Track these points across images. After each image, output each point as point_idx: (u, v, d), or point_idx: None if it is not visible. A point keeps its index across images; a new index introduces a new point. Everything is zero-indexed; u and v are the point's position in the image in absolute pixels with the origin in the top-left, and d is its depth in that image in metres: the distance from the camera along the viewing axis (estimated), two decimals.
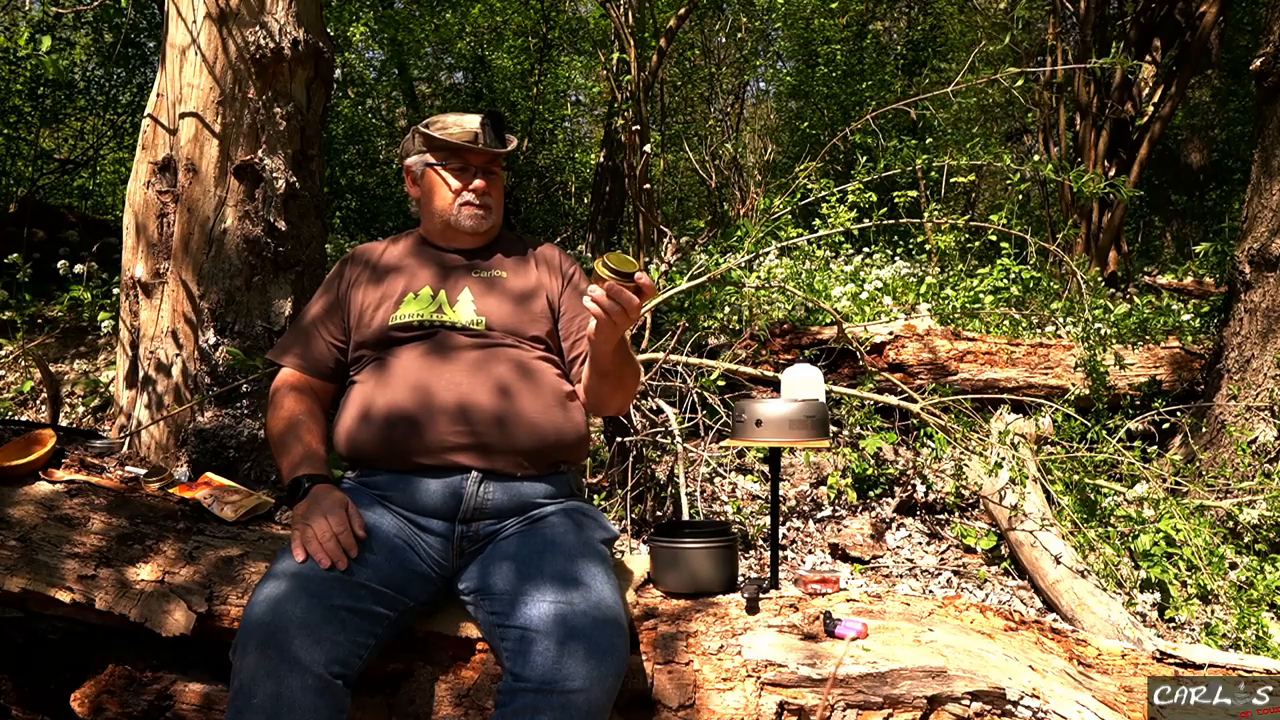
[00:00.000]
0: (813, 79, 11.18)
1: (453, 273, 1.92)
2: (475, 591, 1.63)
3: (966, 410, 3.67)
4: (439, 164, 1.93)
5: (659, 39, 7.83)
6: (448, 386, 1.72)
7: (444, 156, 1.93)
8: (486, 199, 1.93)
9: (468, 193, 1.92)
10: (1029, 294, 5.91)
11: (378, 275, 1.92)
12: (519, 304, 1.88)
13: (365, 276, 1.93)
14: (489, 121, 1.91)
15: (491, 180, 1.94)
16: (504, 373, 1.76)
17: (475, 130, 1.90)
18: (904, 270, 6.53)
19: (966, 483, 3.58)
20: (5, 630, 1.84)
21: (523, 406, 1.74)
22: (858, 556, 3.41)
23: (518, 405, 1.74)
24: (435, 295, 1.86)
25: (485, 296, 1.87)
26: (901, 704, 1.57)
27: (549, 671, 1.37)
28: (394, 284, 1.89)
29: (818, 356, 4.43)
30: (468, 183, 1.92)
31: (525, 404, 1.75)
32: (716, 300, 4.93)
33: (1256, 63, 4.01)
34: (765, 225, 4.30)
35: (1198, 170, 11.70)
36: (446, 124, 1.92)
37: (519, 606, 1.48)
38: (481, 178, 1.92)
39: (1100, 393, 4.06)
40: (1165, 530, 3.20)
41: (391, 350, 1.81)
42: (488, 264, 1.95)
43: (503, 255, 1.98)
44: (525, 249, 2.02)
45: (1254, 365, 3.87)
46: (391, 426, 1.71)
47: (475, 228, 1.93)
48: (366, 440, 1.73)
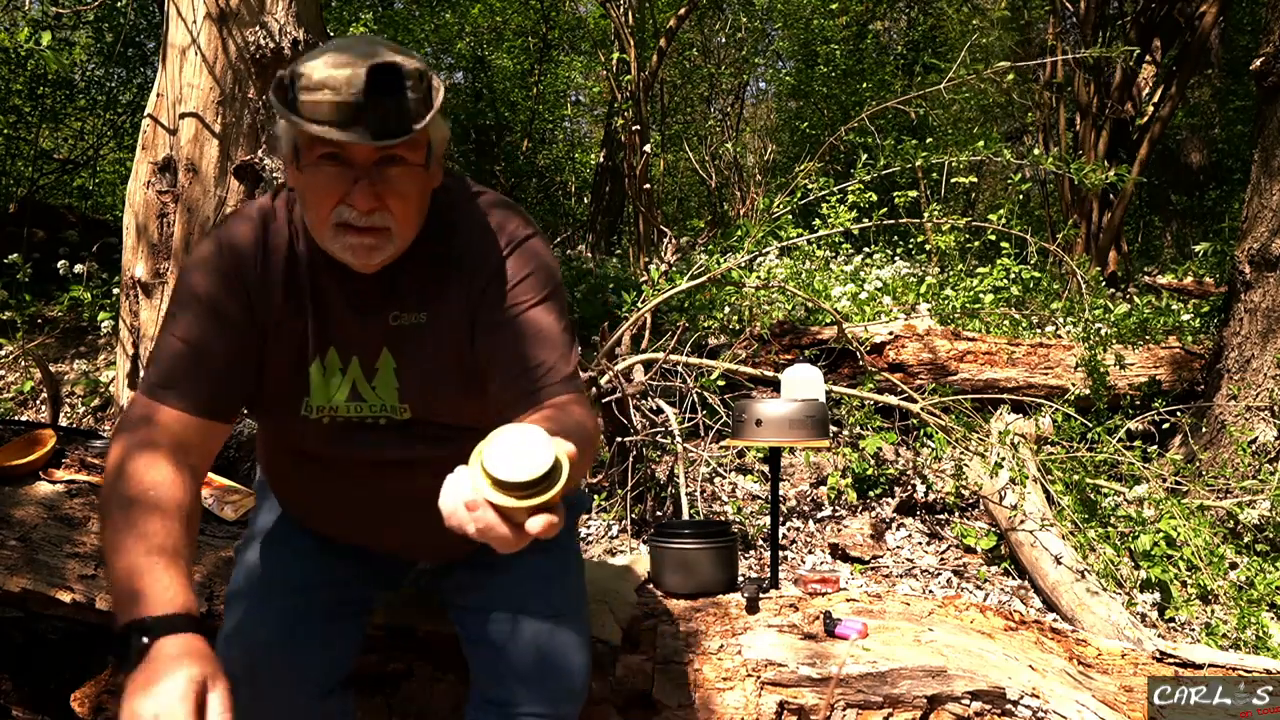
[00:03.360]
0: (812, 79, 11.18)
1: (361, 323, 1.29)
2: (452, 592, 1.51)
3: (966, 410, 3.67)
4: (303, 148, 1.17)
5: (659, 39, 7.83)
6: (370, 523, 1.41)
7: (310, 139, 1.15)
8: (379, 219, 1.18)
9: (346, 208, 1.17)
10: (1029, 294, 5.91)
11: (270, 314, 1.28)
12: (445, 374, 1.30)
13: (257, 310, 1.27)
14: (376, 88, 1.10)
15: (390, 184, 1.17)
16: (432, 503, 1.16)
17: (355, 99, 1.10)
18: (904, 270, 6.53)
19: (966, 483, 3.58)
20: (5, 630, 1.84)
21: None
22: (858, 556, 3.41)
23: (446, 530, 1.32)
24: (345, 369, 1.29)
25: (407, 364, 1.30)
26: (901, 703, 1.57)
27: (513, 696, 1.36)
28: (289, 339, 1.28)
29: (818, 356, 4.43)
30: (344, 191, 1.16)
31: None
32: (716, 300, 4.93)
33: (1256, 63, 4.01)
34: (765, 225, 4.30)
35: (1198, 170, 11.69)
36: (315, 81, 1.12)
37: (490, 626, 1.41)
38: (368, 185, 1.16)
39: (1100, 393, 4.06)
40: (1165, 530, 3.20)
41: (295, 457, 1.38)
42: (406, 301, 1.29)
43: (424, 269, 1.29)
44: (448, 244, 1.30)
45: (1254, 365, 3.87)
46: (325, 528, 1.45)
47: (360, 264, 1.21)
48: (295, 512, 1.48)
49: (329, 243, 1.20)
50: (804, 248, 5.96)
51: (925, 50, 12.05)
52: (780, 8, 11.77)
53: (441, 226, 1.30)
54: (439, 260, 1.29)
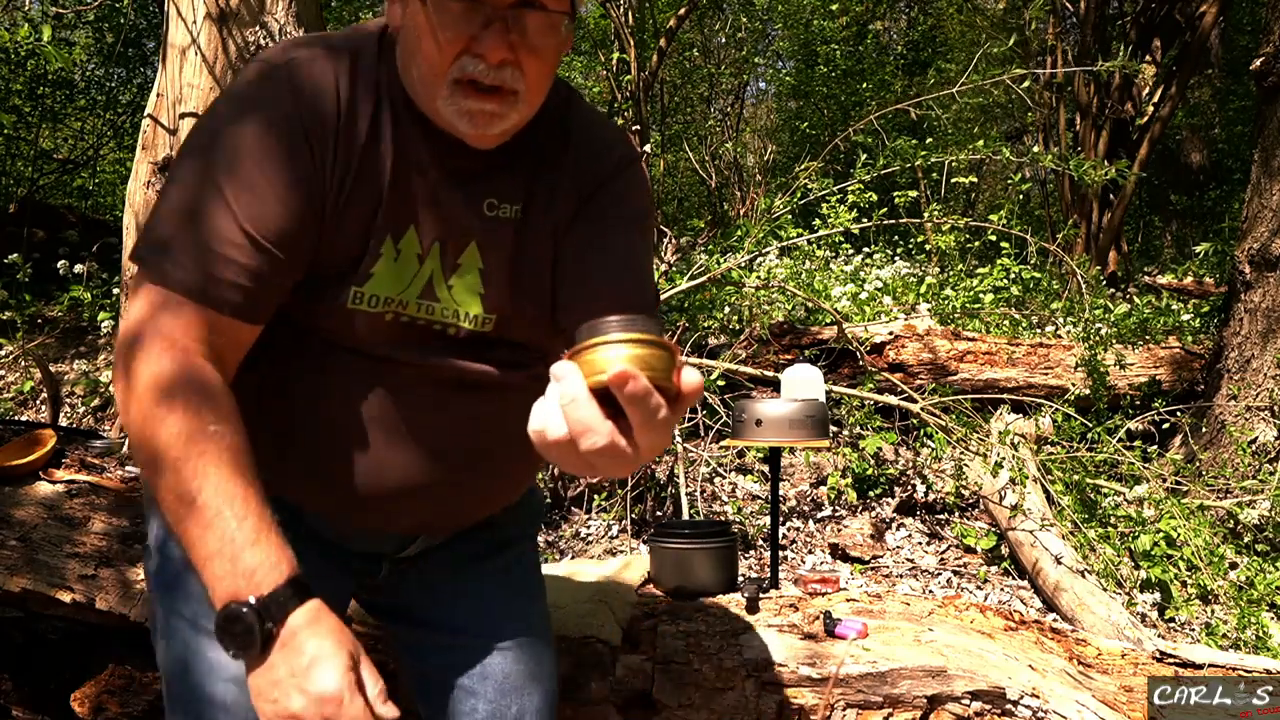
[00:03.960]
0: (812, 79, 11.18)
1: (452, 204, 1.05)
2: (402, 619, 1.29)
3: (966, 410, 3.67)
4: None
5: (659, 39, 7.83)
6: (413, 460, 1.08)
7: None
8: (510, 77, 0.96)
9: (471, 60, 0.95)
10: (1029, 294, 5.91)
11: (345, 173, 1.01)
12: (534, 283, 1.10)
13: (335, 169, 1.00)
14: None
15: (527, 35, 0.95)
16: (502, 436, 1.09)
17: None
18: (904, 270, 6.53)
19: (966, 483, 3.58)
20: (6, 630, 1.84)
21: (510, 473, 1.19)
22: (858, 556, 3.41)
23: (502, 474, 1.18)
24: (424, 257, 1.04)
25: (496, 266, 1.08)
26: (901, 703, 1.58)
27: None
28: (360, 210, 1.01)
29: (818, 356, 4.43)
30: (471, 37, 0.94)
31: (514, 470, 1.19)
32: (716, 300, 4.93)
33: (1256, 63, 4.01)
34: (765, 225, 4.30)
35: (1198, 170, 11.70)
36: None
37: (450, 652, 1.23)
38: (503, 31, 0.94)
39: (1100, 393, 4.06)
40: (1165, 530, 3.20)
41: (336, 355, 1.05)
42: (505, 188, 1.07)
43: (528, 157, 1.08)
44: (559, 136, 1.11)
45: (1254, 365, 3.87)
46: (321, 486, 1.10)
47: (477, 134, 0.99)
48: (277, 481, 0.98)
49: (442, 103, 0.97)
50: (804, 248, 5.96)
51: (925, 50, 12.06)
52: (780, 8, 11.77)
53: (553, 115, 1.09)
54: (545, 152, 1.09)
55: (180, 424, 0.86)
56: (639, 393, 0.65)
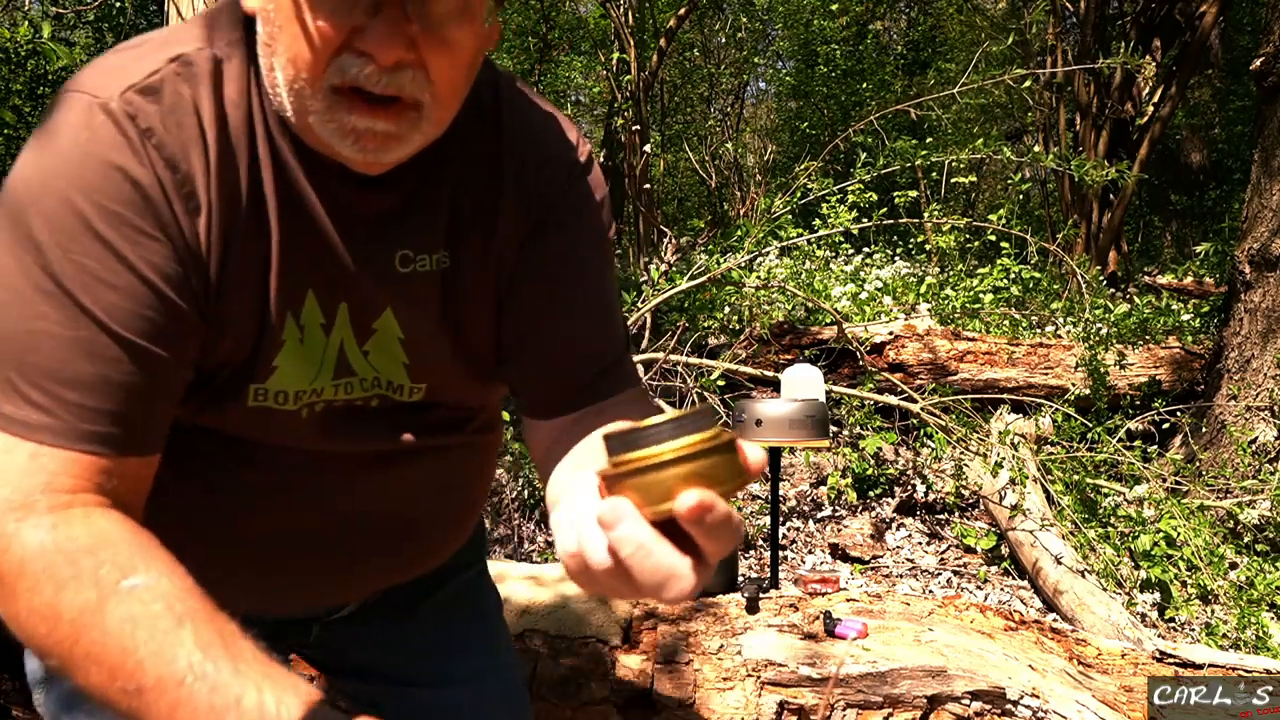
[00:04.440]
0: (812, 79, 11.19)
1: (355, 261, 0.80)
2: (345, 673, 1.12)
3: (966, 410, 3.67)
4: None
5: (659, 39, 7.83)
6: (345, 540, 0.92)
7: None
8: (409, 83, 0.69)
9: (354, 59, 0.68)
10: (1029, 294, 5.91)
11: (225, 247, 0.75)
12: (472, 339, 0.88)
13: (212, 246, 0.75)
14: None
15: (434, 26, 0.69)
16: (441, 499, 0.97)
17: None
18: (904, 270, 6.53)
19: (966, 483, 3.58)
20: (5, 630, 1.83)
21: (449, 528, 1.03)
22: (858, 556, 3.41)
23: (442, 533, 1.02)
24: (330, 326, 0.82)
25: (419, 331, 0.85)
26: (901, 703, 1.58)
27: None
28: (247, 291, 0.77)
29: (818, 356, 4.43)
30: (353, 28, 0.67)
31: (454, 525, 1.04)
32: (716, 300, 4.93)
33: (1256, 63, 4.01)
34: (765, 225, 4.31)
35: (1198, 170, 11.70)
36: None
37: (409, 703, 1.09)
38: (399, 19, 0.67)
39: (1100, 393, 4.07)
40: (1165, 530, 3.20)
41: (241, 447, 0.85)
42: (423, 232, 0.82)
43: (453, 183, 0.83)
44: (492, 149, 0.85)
45: (1254, 365, 3.87)
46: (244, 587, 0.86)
47: (364, 160, 0.73)
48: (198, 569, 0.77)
49: (315, 119, 0.70)
50: (804, 248, 5.96)
51: (925, 50, 12.07)
52: (780, 8, 11.78)
53: (482, 117, 0.83)
54: (475, 169, 0.83)
55: (77, 601, 0.62)
56: (718, 521, 0.49)
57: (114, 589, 0.62)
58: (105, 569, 0.64)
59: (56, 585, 0.63)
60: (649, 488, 0.50)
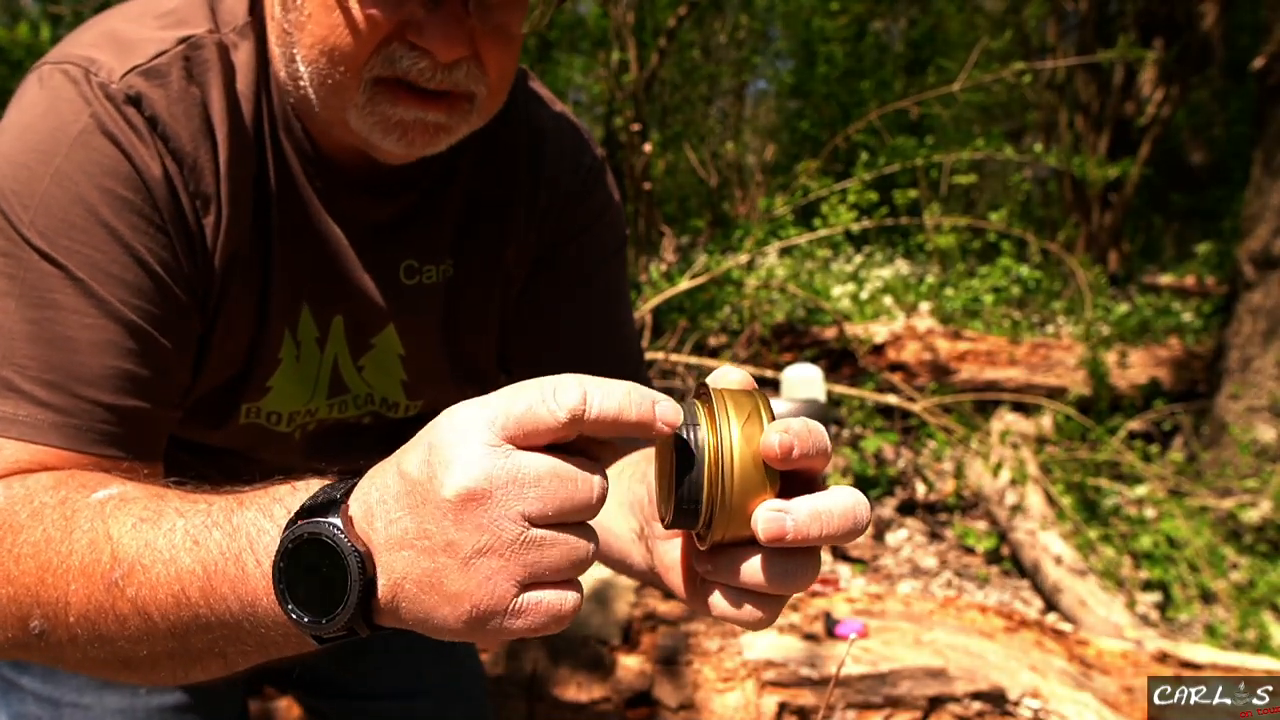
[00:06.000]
0: (813, 79, 11.20)
1: (358, 271, 0.77)
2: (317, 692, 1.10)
3: (967, 410, 3.67)
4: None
5: (659, 39, 7.83)
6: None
7: None
8: (464, 77, 0.67)
9: (407, 53, 0.65)
10: (1030, 294, 5.91)
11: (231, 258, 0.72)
12: (473, 353, 0.85)
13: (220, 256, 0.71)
14: None
15: (492, 17, 0.66)
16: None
17: None
18: (904, 270, 6.53)
19: (966, 483, 3.58)
20: None
21: None
22: (858, 557, 3.40)
23: None
24: (324, 340, 0.78)
25: (420, 347, 0.83)
26: (902, 704, 1.57)
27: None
28: (243, 304, 0.74)
29: (818, 356, 4.43)
30: (403, 20, 0.64)
31: None
32: (716, 300, 4.93)
33: (1258, 62, 4.01)
34: (765, 225, 4.31)
35: (1199, 170, 11.70)
36: None
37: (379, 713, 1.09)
38: (460, 13, 0.64)
39: (1101, 393, 4.06)
40: (1166, 530, 3.20)
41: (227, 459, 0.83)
42: (429, 241, 0.79)
43: (460, 190, 0.80)
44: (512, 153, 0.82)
45: (1255, 365, 3.86)
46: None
47: (407, 151, 0.69)
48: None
49: (356, 113, 0.66)
50: (804, 248, 5.96)
51: (925, 49, 12.07)
52: (780, 8, 11.78)
53: (495, 120, 0.76)
54: (489, 173, 0.79)
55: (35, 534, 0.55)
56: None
57: (83, 504, 0.56)
58: (69, 492, 0.57)
59: (14, 530, 0.56)
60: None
